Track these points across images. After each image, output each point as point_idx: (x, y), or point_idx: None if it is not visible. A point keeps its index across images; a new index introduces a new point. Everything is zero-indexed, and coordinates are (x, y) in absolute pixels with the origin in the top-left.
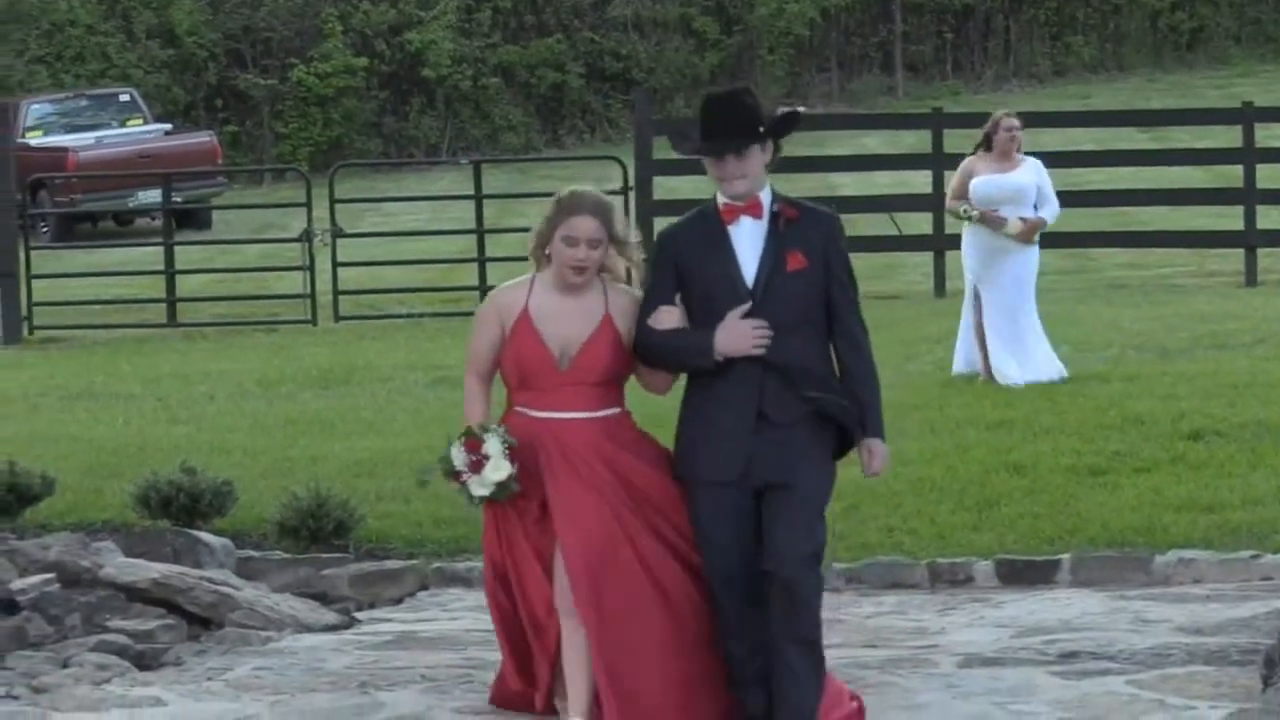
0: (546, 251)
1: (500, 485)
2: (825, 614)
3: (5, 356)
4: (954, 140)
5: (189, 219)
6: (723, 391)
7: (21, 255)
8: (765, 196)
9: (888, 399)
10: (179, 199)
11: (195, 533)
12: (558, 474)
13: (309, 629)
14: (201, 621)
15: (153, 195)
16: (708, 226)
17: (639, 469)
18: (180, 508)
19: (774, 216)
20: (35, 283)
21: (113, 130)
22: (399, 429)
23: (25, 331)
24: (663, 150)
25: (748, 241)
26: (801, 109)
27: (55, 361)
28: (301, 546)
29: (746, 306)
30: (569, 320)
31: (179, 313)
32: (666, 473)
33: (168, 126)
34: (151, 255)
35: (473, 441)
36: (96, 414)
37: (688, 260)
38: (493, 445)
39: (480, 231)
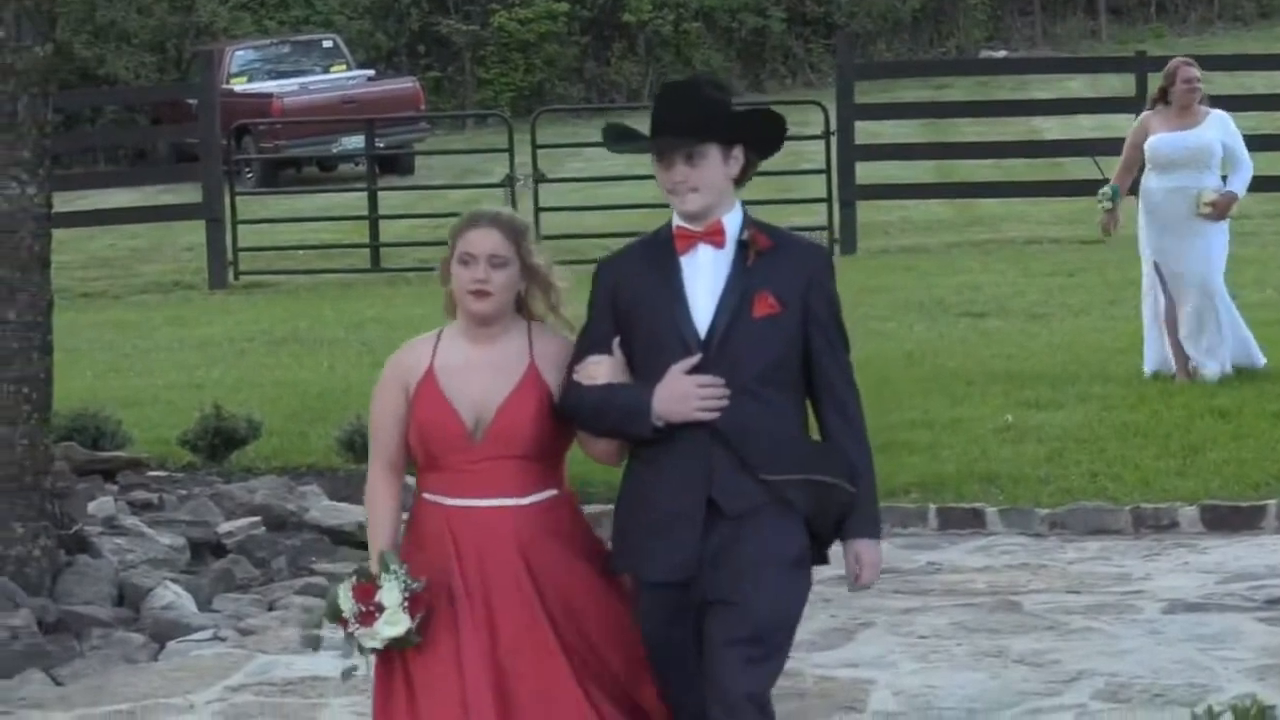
0: (451, 287)
1: (395, 640)
2: (1029, 559)
3: (211, 301)
4: (1157, 84)
5: (392, 164)
6: (666, 469)
7: (227, 201)
8: (732, 221)
9: (1093, 344)
10: (382, 144)
11: None
12: (475, 615)
13: None
14: None
15: (356, 141)
16: (655, 256)
17: (573, 584)
18: None
19: (741, 247)
20: (240, 228)
21: (316, 76)
22: None
23: (231, 276)
24: (865, 95)
25: (704, 277)
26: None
27: (260, 306)
28: None
29: (694, 360)
30: (481, 375)
31: (382, 258)
32: (607, 580)
33: (371, 72)
34: (355, 200)
35: (365, 588)
36: (301, 359)
37: (628, 299)
38: (389, 595)
39: None
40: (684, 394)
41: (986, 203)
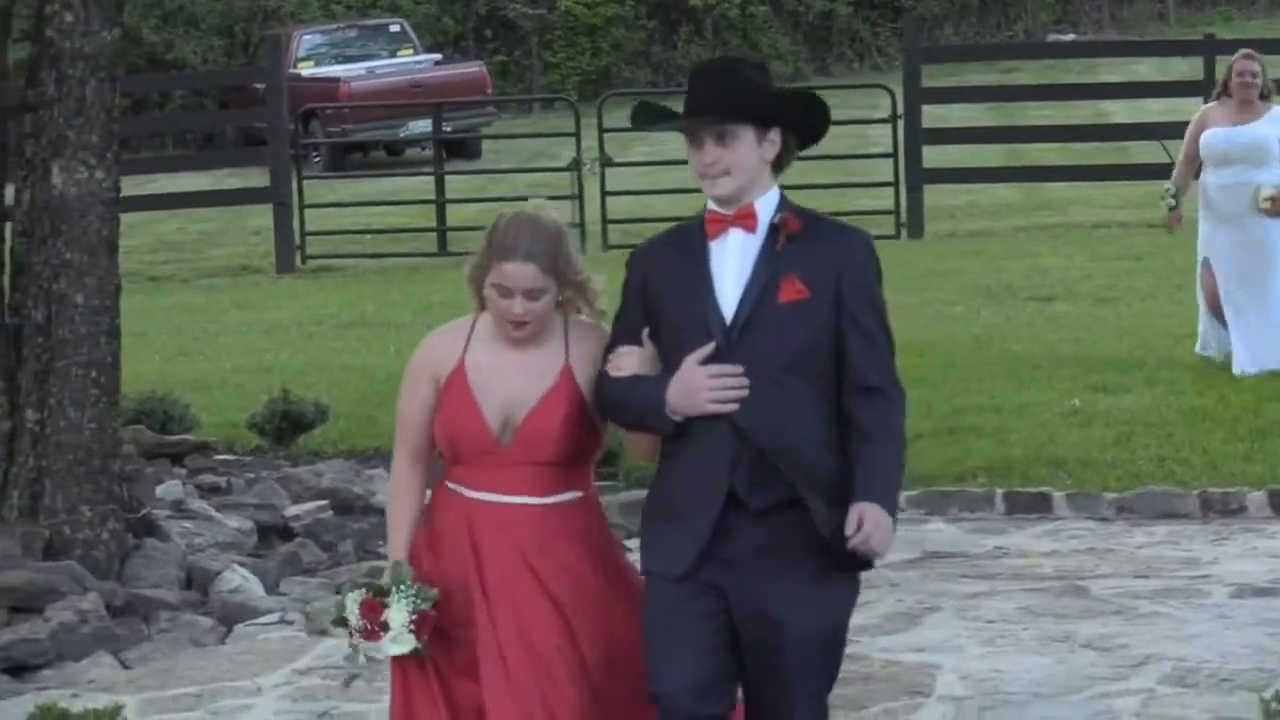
0: (485, 294)
1: (401, 655)
2: (1096, 544)
3: (279, 285)
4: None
5: (459, 148)
6: (688, 463)
7: (294, 185)
8: (766, 205)
9: (1160, 329)
10: (449, 129)
11: None
12: (494, 611)
13: None
14: None
15: (423, 125)
16: (686, 242)
17: (582, 596)
18: None
19: (772, 230)
20: (308, 212)
21: (383, 61)
22: None
23: (298, 260)
24: (932, 78)
25: (733, 262)
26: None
27: (328, 290)
28: None
29: (709, 349)
30: (513, 378)
31: (449, 242)
32: (618, 583)
33: (438, 57)
34: (422, 185)
35: (372, 604)
36: (369, 342)
37: (657, 287)
38: (396, 615)
39: None
40: (695, 385)
41: (1054, 186)
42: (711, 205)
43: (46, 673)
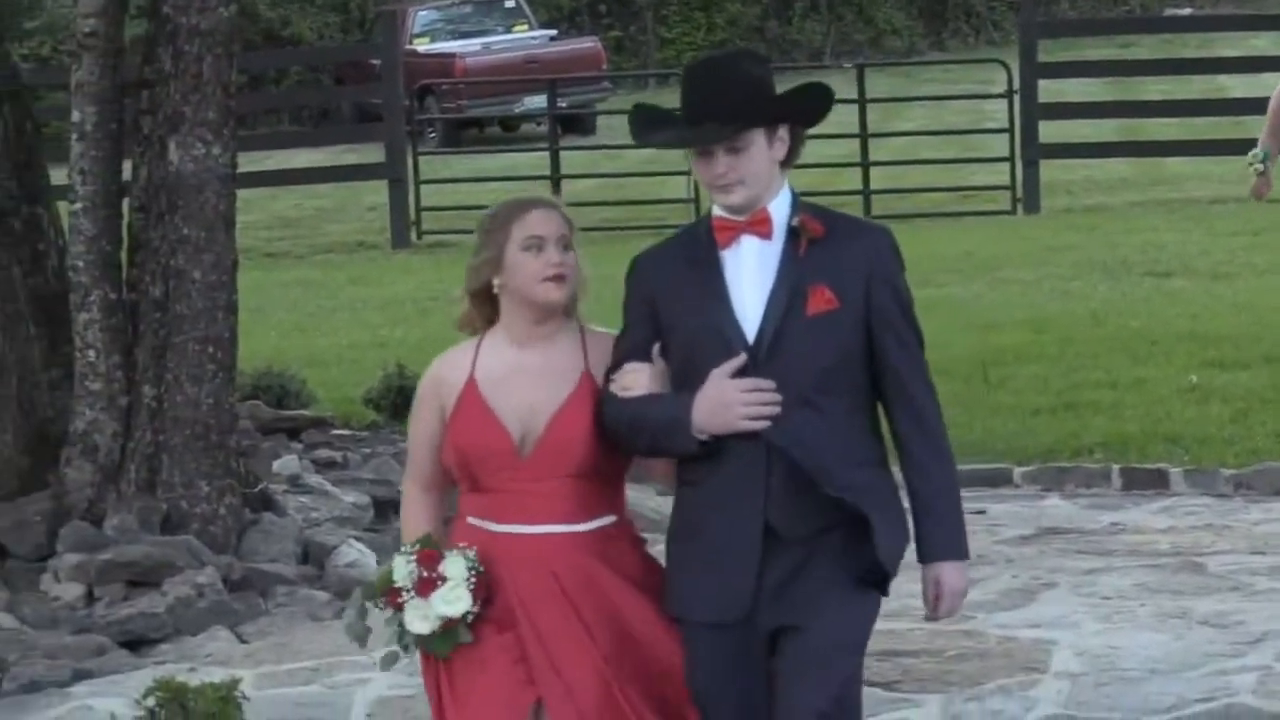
0: (496, 285)
1: (446, 627)
2: (1213, 520)
3: (394, 261)
4: None
5: (574, 124)
6: (717, 490)
7: (410, 161)
8: (779, 207)
9: (1277, 305)
10: (564, 104)
11: None
12: (540, 629)
13: None
14: None
15: (538, 101)
16: (694, 251)
17: (639, 619)
18: None
19: (791, 234)
20: (423, 188)
21: (499, 36)
22: None
23: (414, 236)
24: (1048, 53)
25: (750, 272)
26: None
27: (443, 266)
28: None
29: (739, 361)
30: (531, 383)
31: None
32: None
33: (553, 32)
34: (537, 160)
35: (429, 554)
36: None
37: (665, 299)
38: (454, 566)
39: (864, 135)
40: (727, 400)
41: (1171, 162)
42: (718, 210)
43: (164, 647)
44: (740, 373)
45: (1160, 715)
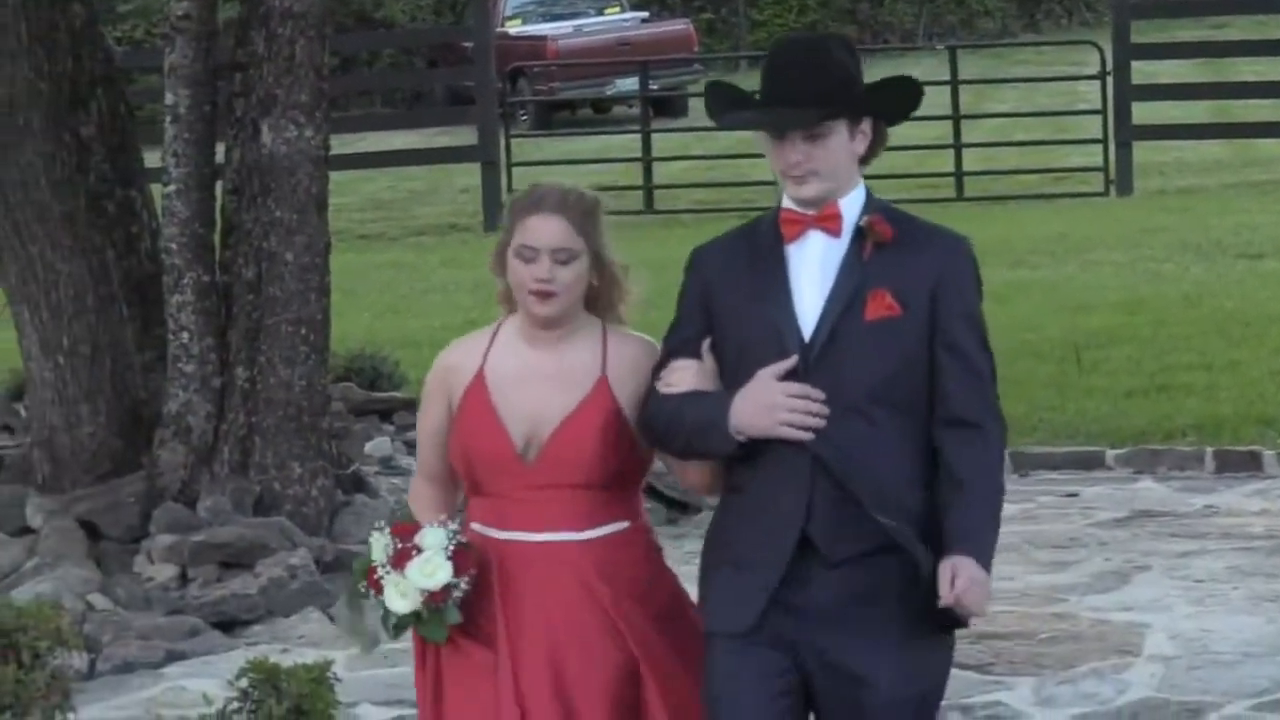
0: (507, 281)
1: (430, 604)
2: None
3: (486, 243)
4: None
5: (665, 106)
6: (757, 498)
7: (502, 143)
8: (852, 204)
9: None
10: (655, 86)
11: None
12: (534, 647)
13: None
14: (679, 505)
15: (630, 83)
16: (758, 244)
17: (647, 634)
18: None
19: (858, 234)
20: (515, 170)
21: (590, 19)
22: None
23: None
24: (1141, 34)
25: (813, 270)
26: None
27: None
28: None
29: (790, 363)
30: (541, 386)
31: (656, 200)
32: (688, 636)
33: (644, 14)
34: (628, 143)
35: (405, 526)
36: None
37: (723, 293)
38: (432, 536)
39: (956, 117)
40: (770, 404)
41: (1264, 143)
42: (787, 202)
43: (256, 628)
44: (791, 375)
45: (1253, 699)
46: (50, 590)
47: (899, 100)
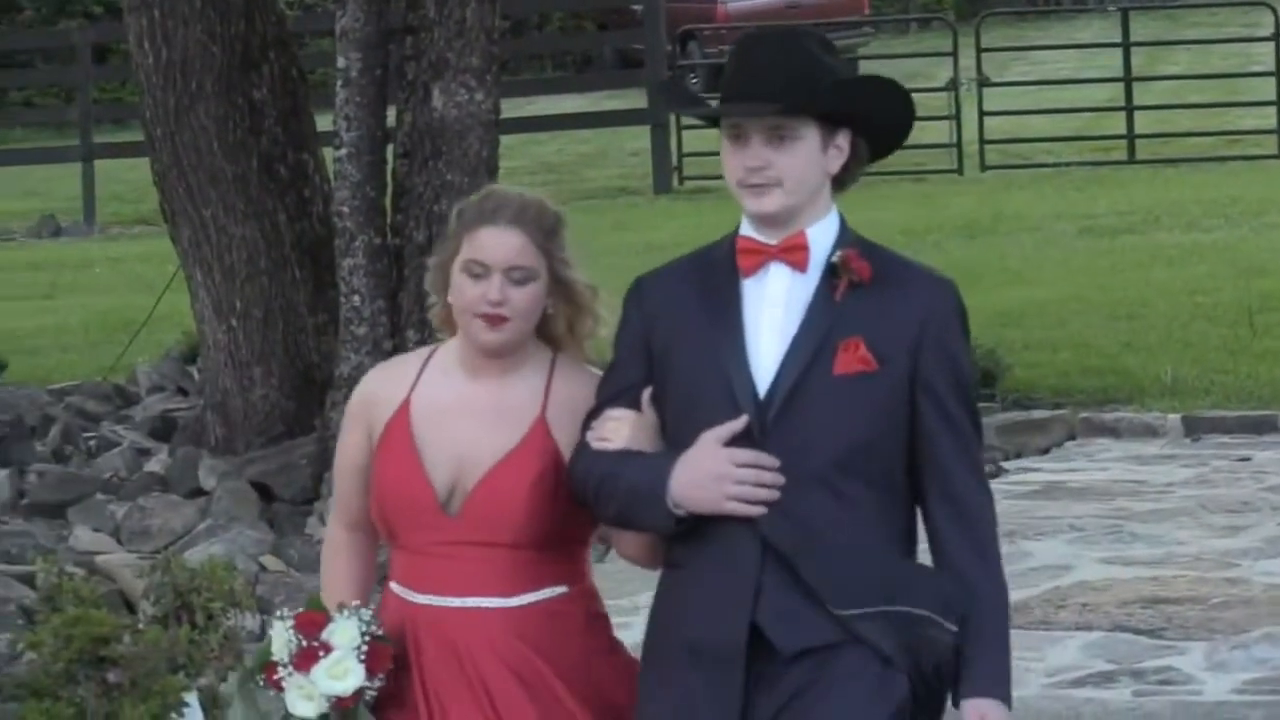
0: (448, 300)
1: (339, 708)
2: None
3: (656, 206)
4: None
5: None
6: (701, 580)
7: None
8: (822, 234)
9: None
10: None
11: None
12: None
13: None
14: None
15: None
16: (709, 278)
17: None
18: None
19: (830, 272)
20: (685, 133)
21: None
22: (1047, 279)
23: (675, 182)
24: None
25: (774, 311)
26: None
27: (704, 212)
28: None
29: (740, 424)
30: (472, 425)
31: None
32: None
33: None
34: None
35: (311, 616)
36: None
37: (667, 334)
38: (342, 632)
39: (1128, 79)
40: (715, 474)
41: None
42: (746, 229)
43: None
44: (743, 438)
45: None
46: (223, 552)
47: (880, 109)
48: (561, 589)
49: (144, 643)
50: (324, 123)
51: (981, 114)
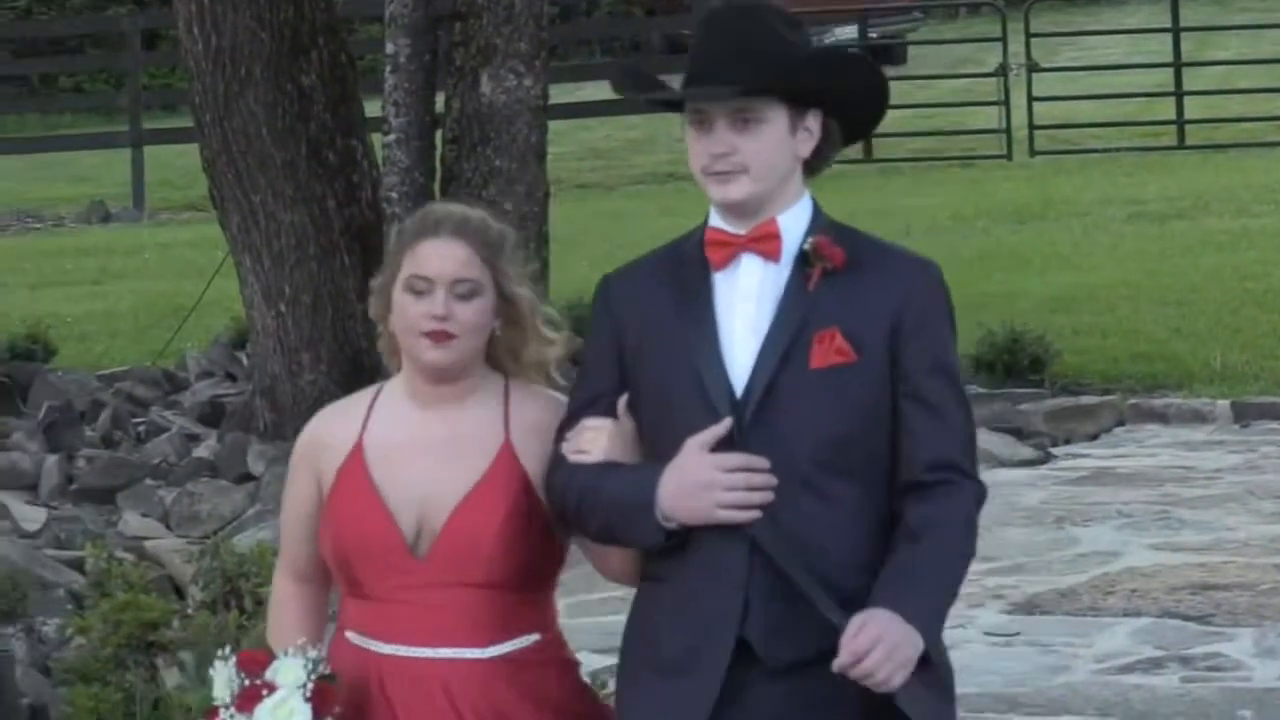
0: (390, 328)
1: None
2: None
3: (700, 191)
4: None
5: (885, 54)
6: (685, 592)
7: None
8: (794, 221)
9: None
10: (875, 35)
11: None
12: None
13: (1004, 464)
14: None
15: (849, 31)
16: (678, 272)
17: None
18: None
19: (802, 259)
20: None
21: None
22: (1095, 264)
23: None
24: None
25: (746, 305)
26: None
27: None
28: (997, 381)
29: (723, 428)
30: (432, 460)
31: (874, 149)
32: None
33: None
34: None
35: (255, 655)
36: None
37: (639, 335)
38: (287, 670)
39: (1178, 65)
40: (704, 482)
41: None
42: (715, 220)
43: None
44: (726, 442)
45: None
46: (272, 537)
47: (858, 89)
48: (534, 637)
49: (192, 628)
50: (372, 108)
51: (1030, 99)
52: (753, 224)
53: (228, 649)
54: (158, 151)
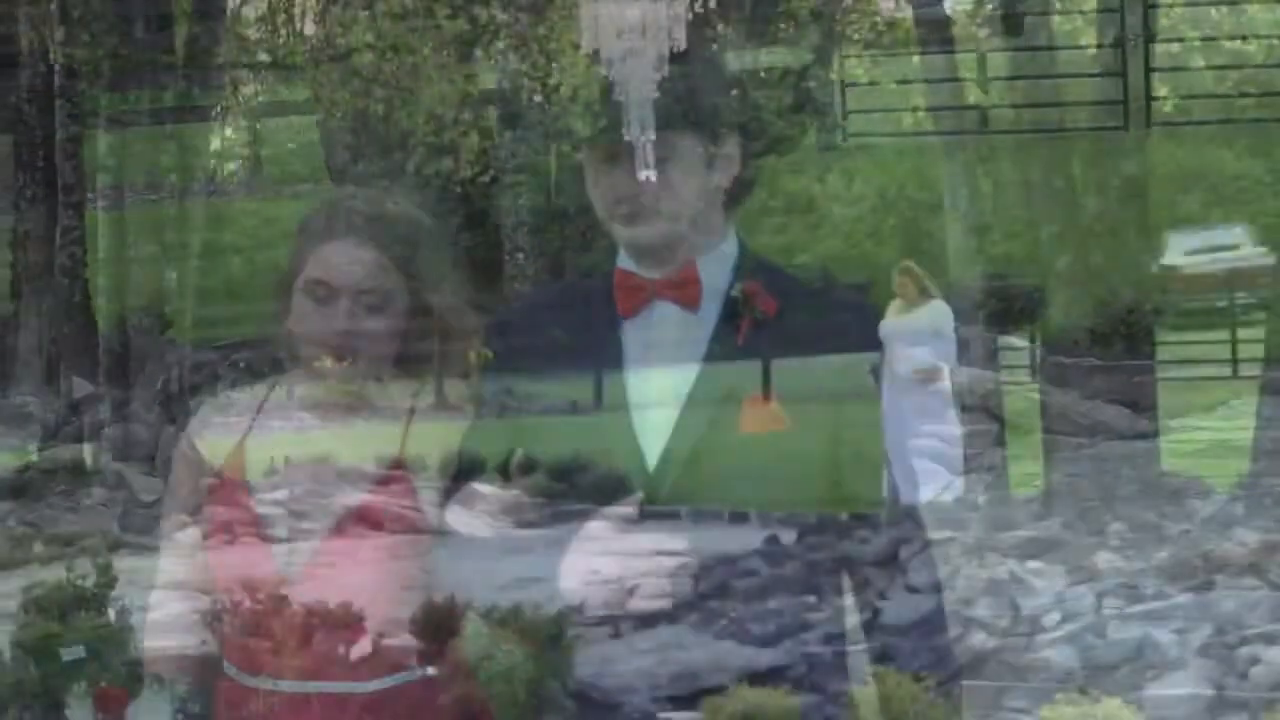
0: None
1: None
2: None
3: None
4: None
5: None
6: None
7: None
8: (716, 264)
9: None
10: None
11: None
12: None
13: (1121, 436)
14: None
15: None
16: (583, 318)
17: None
18: (990, 313)
19: (730, 308)
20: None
21: None
22: None
23: (839, 139)
24: None
25: (663, 359)
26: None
27: (865, 169)
28: (1113, 353)
29: (632, 505)
30: (319, 476)
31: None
32: None
33: None
34: None
35: (113, 693)
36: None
37: (530, 385)
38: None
39: None
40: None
41: None
42: (624, 261)
43: None
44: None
45: None
46: None
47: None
48: (417, 672)
49: None
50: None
51: (1148, 70)
52: (668, 268)
53: (76, 687)
54: (272, 124)
